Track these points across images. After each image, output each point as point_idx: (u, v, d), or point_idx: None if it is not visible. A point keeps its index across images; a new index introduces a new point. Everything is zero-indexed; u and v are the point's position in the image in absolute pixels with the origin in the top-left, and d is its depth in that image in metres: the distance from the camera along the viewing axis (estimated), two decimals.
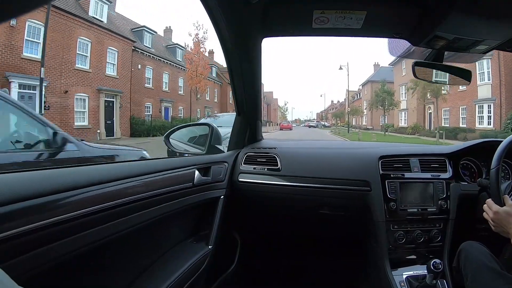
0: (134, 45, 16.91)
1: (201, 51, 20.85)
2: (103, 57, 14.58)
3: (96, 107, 14.17)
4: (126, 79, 16.20)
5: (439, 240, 1.17)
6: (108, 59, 15.04)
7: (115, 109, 15.35)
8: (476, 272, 0.90)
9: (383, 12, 0.96)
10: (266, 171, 1.34)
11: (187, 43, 21.42)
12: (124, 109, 15.90)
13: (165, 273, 0.94)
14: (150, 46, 19.20)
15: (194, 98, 21.82)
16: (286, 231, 1.63)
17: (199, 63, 19.94)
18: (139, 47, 17.72)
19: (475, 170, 1.29)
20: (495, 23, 0.85)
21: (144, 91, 18.51)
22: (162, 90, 19.93)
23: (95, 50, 13.99)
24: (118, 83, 15.61)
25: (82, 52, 13.38)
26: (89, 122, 13.89)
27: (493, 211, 0.91)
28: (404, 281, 1.11)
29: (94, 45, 13.94)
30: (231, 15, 0.97)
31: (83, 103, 13.64)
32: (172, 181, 0.98)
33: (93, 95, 14.01)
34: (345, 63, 43.71)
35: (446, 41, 0.97)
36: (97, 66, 14.13)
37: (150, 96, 19.08)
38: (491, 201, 0.94)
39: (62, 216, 0.57)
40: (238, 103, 1.40)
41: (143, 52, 18.07)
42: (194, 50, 20.74)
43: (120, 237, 0.74)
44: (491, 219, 0.92)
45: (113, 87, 15.18)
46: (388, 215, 1.17)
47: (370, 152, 1.31)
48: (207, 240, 1.16)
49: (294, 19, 1.04)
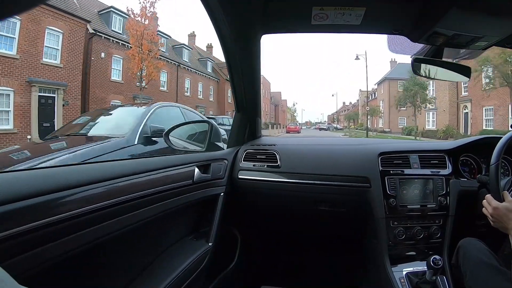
0: (98, 29, 15.05)
1: (149, 16, 15.31)
2: (38, 40, 12.03)
3: (25, 105, 11.68)
4: (76, 70, 13.75)
5: (438, 236, 1.24)
6: (46, 43, 12.43)
7: (56, 108, 12.84)
8: (474, 269, 0.96)
9: (382, 8, 1.02)
10: (265, 168, 1.41)
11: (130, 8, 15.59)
12: (71, 108, 13.37)
13: (165, 271, 0.98)
14: (120, 32, 16.92)
15: (149, 92, 17.60)
16: (286, 228, 1.69)
17: (144, 35, 14.89)
18: (104, 31, 15.67)
19: (475, 167, 1.37)
20: (494, 19, 0.91)
21: (111, 86, 16.21)
22: (136, 84, 17.02)
23: (26, 30, 11.49)
24: (62, 74, 13.09)
25: (5, 33, 10.95)
26: (15, 125, 11.35)
27: (493, 207, 0.96)
28: (404, 277, 1.17)
29: (25, 23, 11.36)
30: (230, 11, 1.02)
31: (6, 100, 11.16)
32: (171, 178, 1.02)
33: (20, 89, 11.49)
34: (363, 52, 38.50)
35: (445, 37, 1.03)
36: (28, 51, 11.69)
37: (120, 92, 16.78)
38: (491, 196, 0.99)
39: (62, 214, 0.61)
40: (237, 100, 1.47)
41: (108, 38, 15.86)
42: (140, 15, 15.26)
43: (121, 235, 0.78)
44: (490, 215, 0.96)
45: (54, 79, 12.76)
46: (387, 211, 1.24)
47: (370, 148, 1.39)
48: (207, 237, 1.22)
49: (293, 16, 1.10)
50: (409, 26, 1.07)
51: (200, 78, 25.53)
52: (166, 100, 20.40)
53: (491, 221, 0.97)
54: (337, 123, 62.48)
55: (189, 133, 1.67)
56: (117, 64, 16.60)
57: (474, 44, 1.05)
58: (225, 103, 28.97)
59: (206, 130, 1.49)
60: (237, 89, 1.42)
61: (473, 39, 1.01)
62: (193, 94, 24.41)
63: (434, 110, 23.99)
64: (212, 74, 28.23)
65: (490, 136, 1.34)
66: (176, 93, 21.84)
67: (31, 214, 0.55)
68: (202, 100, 25.74)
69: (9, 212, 0.51)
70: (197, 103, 24.42)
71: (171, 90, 21.39)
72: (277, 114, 64.59)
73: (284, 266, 1.77)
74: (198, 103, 24.56)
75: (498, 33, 0.98)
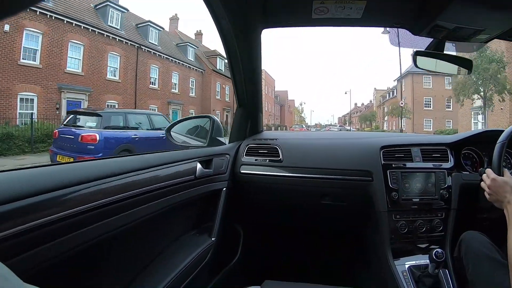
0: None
1: None
2: None
3: None
4: None
5: (441, 229, 1.23)
6: None
7: None
8: (477, 262, 0.95)
9: (383, 1, 1.02)
10: (267, 163, 1.40)
11: None
12: None
13: (168, 266, 0.99)
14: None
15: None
16: (288, 222, 1.68)
17: None
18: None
19: (477, 160, 1.35)
20: (495, 12, 0.90)
21: (18, 72, 11.51)
22: (64, 71, 13.22)
23: None
24: None
25: None
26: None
27: (491, 178, 0.97)
28: (407, 270, 1.15)
29: None
30: (230, 6, 1.02)
31: None
32: (174, 174, 1.02)
33: None
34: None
35: (446, 31, 1.02)
36: None
37: (35, 81, 12.08)
38: (491, 170, 1.00)
39: (66, 212, 0.61)
40: (238, 95, 1.47)
41: None
42: None
43: (124, 231, 0.78)
44: (488, 186, 0.98)
45: None
46: (390, 205, 1.23)
47: (372, 142, 1.38)
48: (210, 232, 1.22)
49: (294, 10, 1.10)
50: (410, 20, 1.08)
51: (175, 66, 20.66)
52: (116, 93, 15.81)
53: (487, 194, 0.98)
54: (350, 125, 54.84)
55: (191, 129, 1.62)
56: (33, 42, 11.90)
57: (475, 37, 1.05)
58: (212, 99, 24.04)
59: (207, 126, 1.48)
60: (238, 84, 1.41)
61: (474, 32, 1.02)
62: (164, 87, 19.57)
63: (479, 109, 17.71)
64: (195, 63, 23.23)
65: (492, 130, 1.32)
66: (135, 84, 16.39)
67: (34, 212, 0.55)
68: (178, 95, 20.95)
69: (10, 211, 0.51)
70: (170, 99, 19.03)
71: (126, 79, 16.08)
72: (283, 115, 58.99)
73: (287, 261, 1.76)
74: (171, 99, 19.26)
75: (500, 26, 0.98)
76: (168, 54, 19.74)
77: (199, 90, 23.40)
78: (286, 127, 41.52)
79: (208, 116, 1.51)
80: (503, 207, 0.91)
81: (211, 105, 23.64)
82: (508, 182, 0.93)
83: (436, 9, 0.91)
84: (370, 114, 47.84)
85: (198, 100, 23.27)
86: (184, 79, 21.43)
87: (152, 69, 18.47)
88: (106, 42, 15.22)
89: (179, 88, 20.95)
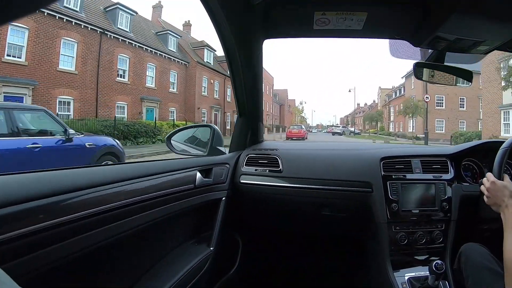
0: None
1: None
2: None
3: None
4: None
5: (441, 241, 1.23)
6: None
7: None
8: (476, 274, 0.95)
9: (384, 13, 1.03)
10: (267, 173, 1.40)
11: None
12: None
13: (167, 275, 0.99)
14: None
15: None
16: (287, 233, 1.69)
17: None
18: None
19: (477, 171, 1.35)
20: (496, 23, 0.91)
21: None
22: (1, 60, 10.74)
23: None
24: None
25: None
26: None
27: (491, 181, 0.98)
28: (406, 282, 1.15)
29: None
30: (232, 17, 1.03)
31: None
32: (173, 182, 1.03)
33: None
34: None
35: (447, 42, 1.03)
36: None
37: None
38: (491, 173, 1.01)
39: (64, 217, 0.61)
40: (239, 105, 1.48)
41: None
42: None
43: (122, 239, 0.79)
44: (487, 189, 0.99)
45: None
46: (389, 216, 1.23)
47: (372, 153, 1.38)
48: (208, 242, 1.22)
49: (295, 21, 1.11)
50: (411, 31, 1.08)
51: (151, 57, 17.51)
52: (71, 87, 12.98)
53: (486, 196, 0.99)
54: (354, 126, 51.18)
55: (191, 137, 1.63)
56: None
57: (475, 48, 1.06)
58: (197, 96, 20.85)
59: (208, 135, 1.49)
60: (239, 94, 1.41)
61: (474, 44, 1.02)
62: (136, 81, 16.35)
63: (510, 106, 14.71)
64: (177, 54, 20.00)
65: (492, 141, 1.34)
66: (97, 77, 13.67)
67: (35, 216, 0.55)
68: (155, 90, 17.80)
69: (13, 213, 0.52)
70: (144, 94, 16.25)
71: (84, 71, 13.32)
72: (282, 115, 55.89)
73: (285, 271, 1.76)
74: (145, 94, 16.43)
75: (500, 37, 0.99)
76: (143, 43, 16.72)
77: (182, 85, 20.22)
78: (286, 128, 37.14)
79: (208, 125, 1.52)
80: (500, 211, 0.93)
81: (195, 103, 20.62)
82: (507, 186, 0.94)
83: (437, 21, 0.92)
84: (377, 114, 42.85)
85: (181, 96, 20.21)
86: (162, 72, 18.42)
87: (121, 59, 15.44)
88: (59, 26, 12.52)
89: (156, 82, 17.93)
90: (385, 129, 36.21)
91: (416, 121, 26.74)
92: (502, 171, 1.00)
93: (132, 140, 12.74)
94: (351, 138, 29.02)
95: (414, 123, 28.03)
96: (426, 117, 16.39)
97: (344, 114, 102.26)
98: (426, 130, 16.51)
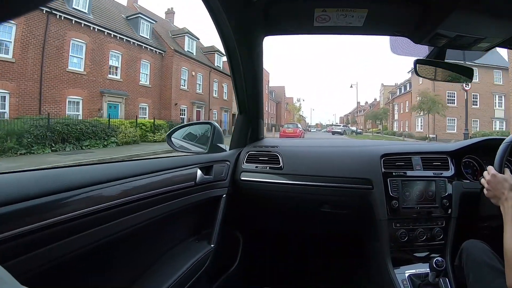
0: None
1: None
2: None
3: None
4: None
5: (441, 238, 1.23)
6: None
7: None
8: (477, 271, 0.96)
9: (384, 10, 1.03)
10: (268, 170, 1.40)
11: None
12: None
13: (167, 272, 1.00)
14: None
15: None
16: (288, 229, 1.70)
17: None
18: None
19: (477, 168, 1.35)
20: (497, 20, 0.91)
21: None
22: None
23: None
24: None
25: None
26: None
27: (491, 174, 0.99)
28: (407, 279, 1.16)
29: None
30: (232, 14, 1.03)
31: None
32: (174, 180, 1.03)
33: None
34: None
35: (447, 39, 1.03)
36: None
37: None
38: (492, 167, 1.02)
39: (65, 215, 0.61)
40: (240, 102, 1.48)
41: None
42: None
43: (123, 236, 0.79)
44: (487, 182, 1.00)
45: None
46: (390, 213, 1.23)
47: (372, 150, 1.38)
48: (209, 239, 1.22)
49: (296, 18, 1.11)
50: (411, 28, 1.07)
51: (116, 44, 14.81)
52: (5, 78, 10.49)
53: (486, 189, 1.00)
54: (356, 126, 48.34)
55: (192, 135, 1.63)
56: None
57: (476, 45, 1.05)
58: (173, 90, 18.04)
59: (208, 132, 1.48)
60: (239, 91, 1.41)
61: (475, 41, 1.02)
62: (94, 71, 13.68)
63: None
64: (150, 41, 17.22)
65: (492, 138, 1.33)
66: (41, 66, 11.21)
67: (36, 214, 0.56)
68: (120, 82, 15.02)
69: (13, 212, 0.52)
70: (106, 87, 13.80)
71: (25, 58, 10.92)
72: (279, 113, 53.06)
73: (286, 268, 1.76)
74: (107, 87, 13.97)
75: (501, 34, 0.99)
76: (104, 26, 14.00)
77: (156, 77, 17.46)
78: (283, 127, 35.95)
79: (209, 123, 1.51)
80: (499, 203, 0.94)
81: (172, 98, 17.88)
82: (508, 179, 0.95)
83: (437, 17, 0.92)
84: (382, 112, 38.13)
85: (155, 90, 17.44)
86: (131, 62, 15.65)
87: (74, 46, 12.78)
88: None
89: (122, 73, 15.14)
90: (388, 128, 33.55)
91: (425, 119, 24.26)
92: (503, 165, 1.02)
93: (74, 143, 10.21)
94: (354, 138, 26.36)
95: (422, 122, 25.54)
96: (466, 111, 13.59)
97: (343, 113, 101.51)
98: (466, 130, 13.79)
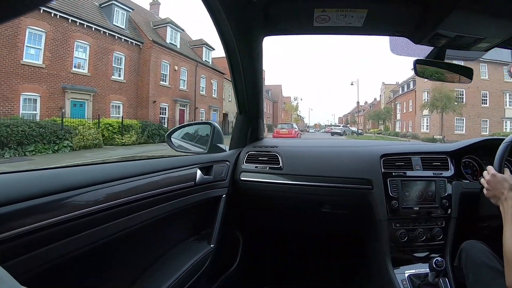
0: None
1: None
2: None
3: None
4: None
5: (441, 238, 1.24)
6: None
7: None
8: (477, 271, 0.96)
9: (384, 10, 1.03)
10: (268, 170, 1.41)
11: None
12: None
13: (167, 272, 1.00)
14: None
15: None
16: (288, 230, 1.71)
17: None
18: None
19: (477, 169, 1.36)
20: (497, 20, 0.91)
21: None
22: None
23: None
24: None
25: None
26: None
27: (491, 174, 0.99)
28: (406, 279, 1.16)
29: None
30: (232, 14, 1.04)
31: None
32: (174, 180, 1.03)
33: None
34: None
35: (447, 39, 1.03)
36: None
37: None
38: (492, 167, 1.02)
39: (65, 215, 0.61)
40: (239, 102, 1.48)
41: None
42: None
43: (123, 236, 0.79)
44: (487, 181, 1.00)
45: None
46: (390, 213, 1.24)
47: (372, 150, 1.39)
48: (209, 239, 1.23)
49: (295, 18, 1.11)
50: (411, 28, 1.08)
51: (83, 33, 13.04)
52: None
53: (486, 189, 1.00)
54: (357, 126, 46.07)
55: (191, 135, 1.63)
56: None
57: (476, 45, 1.05)
58: (151, 86, 16.01)
59: (208, 132, 1.48)
60: (239, 91, 1.41)
61: (475, 41, 1.02)
62: (55, 64, 11.87)
63: None
64: (127, 32, 15.34)
65: (492, 138, 1.34)
66: None
67: (36, 214, 0.56)
68: (87, 77, 13.30)
69: (13, 212, 0.52)
70: (69, 83, 12.27)
71: None
72: (275, 113, 51.16)
73: (286, 268, 1.77)
74: (71, 83, 12.43)
75: (501, 35, 0.99)
76: (68, 13, 12.10)
77: (131, 71, 15.50)
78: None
79: (209, 123, 1.52)
80: (499, 203, 0.94)
81: (150, 95, 15.88)
82: (507, 179, 0.95)
83: (437, 18, 0.92)
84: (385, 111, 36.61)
85: (131, 86, 15.47)
86: (101, 54, 13.93)
87: (31, 35, 11.07)
88: None
89: (91, 67, 13.42)
90: (390, 128, 31.83)
91: (431, 119, 22.64)
92: (503, 165, 1.02)
93: (15, 148, 8.51)
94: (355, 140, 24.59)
95: (429, 122, 23.92)
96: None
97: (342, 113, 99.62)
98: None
